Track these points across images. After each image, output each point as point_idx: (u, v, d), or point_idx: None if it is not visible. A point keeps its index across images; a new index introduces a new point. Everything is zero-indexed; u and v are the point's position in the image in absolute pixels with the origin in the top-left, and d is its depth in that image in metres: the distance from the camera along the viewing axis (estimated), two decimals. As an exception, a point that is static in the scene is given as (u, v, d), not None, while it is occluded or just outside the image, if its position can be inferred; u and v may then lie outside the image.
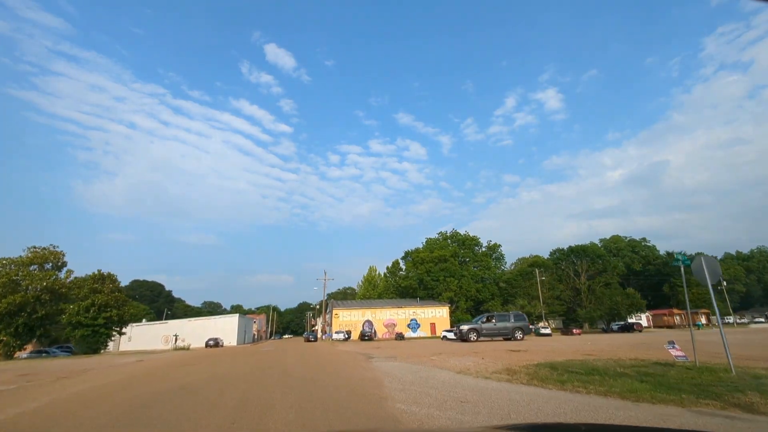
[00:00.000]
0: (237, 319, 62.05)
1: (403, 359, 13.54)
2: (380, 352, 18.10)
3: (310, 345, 36.85)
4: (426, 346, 23.80)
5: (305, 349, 24.87)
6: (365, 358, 13.95)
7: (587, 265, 73.86)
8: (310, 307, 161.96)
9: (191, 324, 60.94)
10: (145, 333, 59.21)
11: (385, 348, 21.94)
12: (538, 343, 22.75)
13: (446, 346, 22.14)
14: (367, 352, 18.05)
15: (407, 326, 64.88)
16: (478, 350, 17.64)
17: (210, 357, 17.88)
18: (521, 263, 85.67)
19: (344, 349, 21.35)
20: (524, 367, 10.59)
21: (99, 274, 36.41)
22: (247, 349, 28.46)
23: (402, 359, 13.50)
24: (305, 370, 10.83)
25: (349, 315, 63.54)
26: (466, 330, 25.30)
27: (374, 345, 29.43)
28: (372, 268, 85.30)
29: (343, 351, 19.80)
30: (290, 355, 17.41)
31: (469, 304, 71.35)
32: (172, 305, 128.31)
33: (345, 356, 15.44)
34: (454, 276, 70.86)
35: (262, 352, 21.70)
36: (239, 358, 15.84)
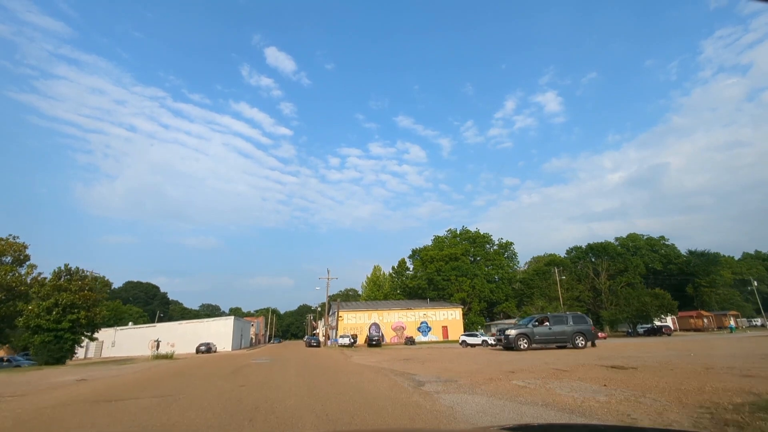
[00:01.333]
0: (232, 322, 56.18)
1: (480, 389, 7.87)
2: (419, 368, 12.42)
3: (314, 352, 31.08)
4: (466, 357, 18.08)
5: (309, 360, 19.13)
6: (415, 387, 8.26)
7: (607, 264, 68.21)
8: (310, 309, 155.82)
9: (182, 328, 55.02)
10: (131, 337, 53.30)
11: (416, 361, 16.20)
12: (609, 352, 17.10)
13: (495, 358, 16.44)
14: (401, 369, 12.33)
15: (417, 329, 59.11)
16: (557, 365, 12.05)
17: (174, 378, 12.16)
18: (536, 262, 80.00)
19: (364, 363, 15.61)
20: (729, 407, 5.15)
21: (66, 268, 30.63)
22: (235, 360, 22.65)
23: (478, 389, 7.84)
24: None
25: (354, 317, 57.75)
26: (514, 336, 19.57)
27: (392, 354, 23.74)
28: (377, 268, 79.52)
29: (365, 366, 14.08)
30: (291, 375, 11.70)
31: (482, 305, 65.62)
32: (168, 308, 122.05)
33: (379, 380, 9.77)
34: (467, 275, 65.18)
35: (252, 366, 15.91)
36: (210, 385, 10.11)
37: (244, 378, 11.38)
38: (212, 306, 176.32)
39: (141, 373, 15.99)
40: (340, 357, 20.27)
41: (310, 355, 25.93)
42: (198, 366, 18.61)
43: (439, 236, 78.89)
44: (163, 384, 11.01)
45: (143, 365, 22.33)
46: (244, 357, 27.19)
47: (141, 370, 18.22)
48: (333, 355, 22.87)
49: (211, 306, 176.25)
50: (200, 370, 15.74)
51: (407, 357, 18.01)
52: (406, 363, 14.83)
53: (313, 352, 30.14)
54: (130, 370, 17.70)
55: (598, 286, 67.80)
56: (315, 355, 25.90)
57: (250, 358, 22.01)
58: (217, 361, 22.48)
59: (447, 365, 13.43)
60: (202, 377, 12.27)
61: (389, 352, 26.77)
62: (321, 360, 17.80)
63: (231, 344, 54.84)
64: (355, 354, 23.54)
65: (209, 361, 24.61)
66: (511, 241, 76.47)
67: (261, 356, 25.67)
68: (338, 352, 28.37)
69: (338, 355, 22.34)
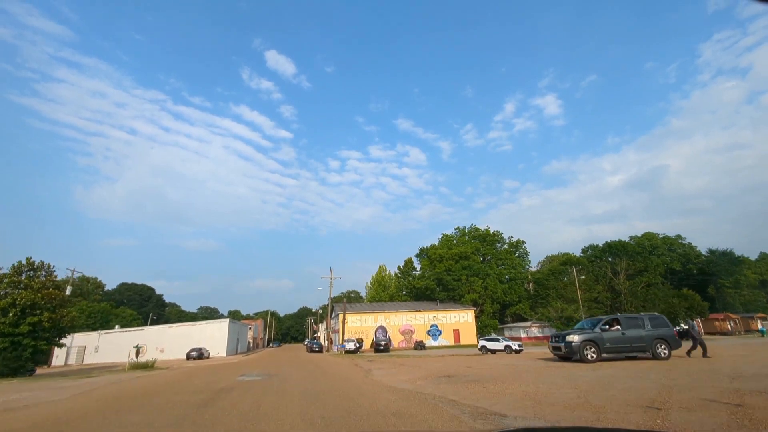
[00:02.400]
0: (227, 324, 51.40)
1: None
2: (487, 396, 7.89)
3: (318, 362, 26.48)
4: (521, 372, 13.54)
5: (317, 378, 14.59)
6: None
7: (626, 264, 63.67)
8: (311, 312, 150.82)
9: (172, 331, 50.22)
10: (117, 342, 48.46)
11: (465, 380, 11.62)
12: (721, 366, 12.59)
13: (564, 373, 11.90)
14: (463, 398, 7.78)
15: (427, 333, 54.40)
16: (708, 394, 7.61)
17: (112, 412, 7.63)
18: (549, 261, 75.47)
19: (394, 384, 10.98)
20: None
21: (28, 262, 25.97)
22: (221, 374, 18.05)
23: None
24: None
25: (359, 320, 53.07)
26: (580, 343, 14.99)
27: (419, 366, 19.19)
28: (382, 268, 74.76)
29: (399, 391, 9.46)
30: (293, 413, 7.17)
31: (495, 307, 60.97)
32: (164, 310, 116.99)
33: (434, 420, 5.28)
34: (478, 275, 60.55)
35: (238, 389, 11.28)
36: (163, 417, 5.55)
37: (214, 416, 6.87)
38: (210, 309, 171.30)
39: (84, 396, 11.39)
40: (355, 371, 15.67)
41: (314, 365, 21.35)
42: (170, 384, 14.01)
43: (447, 234, 74.40)
44: (80, 426, 6.47)
45: (107, 379, 17.69)
46: (234, 368, 22.54)
47: (96, 388, 13.66)
48: (344, 368, 18.24)
49: (210, 309, 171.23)
50: (167, 393, 11.13)
51: (448, 373, 13.42)
52: (456, 384, 10.27)
53: (318, 361, 25.50)
54: (78, 390, 13.08)
55: (617, 287, 63.26)
56: (320, 365, 21.34)
57: (239, 372, 17.34)
58: (198, 375, 17.85)
59: (517, 388, 8.93)
60: (155, 409, 7.72)
61: (409, 361, 22.13)
62: (332, 378, 13.19)
63: (226, 349, 50.09)
64: (371, 365, 18.88)
65: (191, 374, 19.95)
66: (523, 240, 72.01)
67: (254, 369, 21.01)
68: (348, 361, 23.73)
69: (351, 368, 17.73)
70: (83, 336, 48.12)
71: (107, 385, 14.49)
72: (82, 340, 47.40)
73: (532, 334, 58.00)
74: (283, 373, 15.35)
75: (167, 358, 47.63)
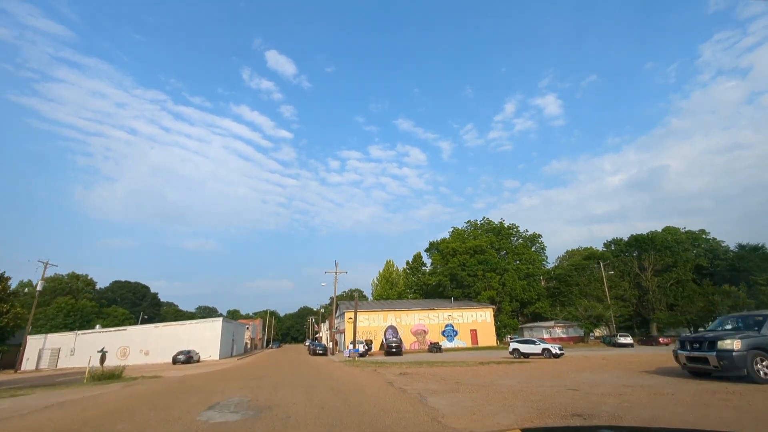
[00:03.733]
0: (221, 324, 45.64)
1: None
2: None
3: (327, 369, 20.80)
4: (636, 392, 7.87)
5: (337, 405, 8.93)
6: None
7: (654, 259, 58.15)
8: (312, 311, 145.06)
9: (158, 332, 44.42)
10: (96, 343, 42.63)
11: (602, 410, 5.93)
12: None
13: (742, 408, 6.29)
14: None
15: (441, 334, 48.71)
16: None
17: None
18: (569, 257, 69.85)
19: (487, 426, 5.28)
20: None
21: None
22: (183, 398, 12.32)
23: None
24: None
25: (367, 319, 47.38)
26: (745, 352, 9.37)
27: (455, 374, 13.65)
28: (389, 263, 68.98)
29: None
30: None
31: (514, 305, 55.28)
32: (159, 309, 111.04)
33: None
34: (495, 270, 54.87)
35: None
36: None
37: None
38: (209, 308, 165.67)
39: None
40: (396, 397, 9.92)
41: (326, 380, 15.69)
42: (99, 418, 8.34)
43: (458, 228, 68.76)
44: None
45: (11, 407, 11.98)
46: (216, 381, 16.84)
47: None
48: (371, 386, 12.57)
49: (208, 308, 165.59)
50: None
51: (514, 388, 7.75)
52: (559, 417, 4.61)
53: (329, 372, 19.83)
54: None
55: (644, 284, 57.73)
56: (335, 379, 15.71)
57: (215, 396, 11.61)
58: (153, 402, 12.18)
59: None
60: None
61: (449, 372, 16.45)
62: (372, 418, 7.40)
63: (219, 351, 44.34)
64: (410, 382, 13.14)
65: (159, 393, 14.28)
66: (539, 233, 66.43)
67: (241, 386, 15.37)
68: (369, 372, 18.02)
69: (382, 388, 12.02)
70: (58, 337, 42.37)
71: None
72: (56, 341, 41.63)
73: (555, 334, 52.41)
74: (281, 402, 9.70)
75: (152, 361, 41.92)
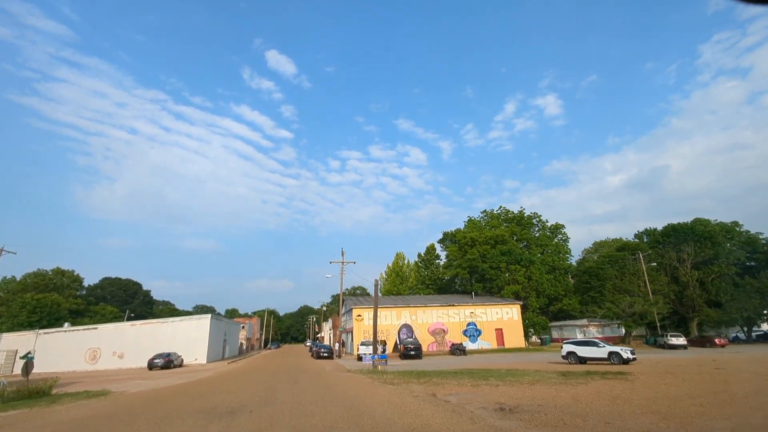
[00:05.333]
0: (209, 322, 38.80)
1: None
2: None
3: (341, 380, 14.05)
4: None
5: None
6: None
7: (694, 251, 51.55)
8: (313, 311, 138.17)
9: (135, 331, 37.53)
10: (61, 344, 35.88)
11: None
12: None
13: None
14: None
15: (463, 333, 41.92)
16: None
17: None
18: (596, 249, 63.13)
19: None
20: None
21: None
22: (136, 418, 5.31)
23: None
24: None
25: (378, 317, 40.46)
26: None
27: (542, 398, 6.95)
28: (399, 255, 62.06)
29: None
30: None
31: (541, 301, 48.50)
32: (151, 308, 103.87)
33: None
34: (520, 263, 48.15)
35: None
36: None
37: None
38: (207, 307, 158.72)
39: None
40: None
41: (348, 405, 9.07)
42: None
43: (473, 219, 62.01)
44: None
45: None
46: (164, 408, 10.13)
47: None
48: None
49: (206, 307, 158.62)
50: None
51: None
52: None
53: (346, 389, 13.13)
54: None
55: (683, 278, 51.11)
56: (363, 409, 9.10)
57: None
58: None
59: None
60: None
61: (529, 395, 9.80)
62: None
63: (207, 353, 37.57)
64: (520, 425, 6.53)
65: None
66: (562, 224, 59.76)
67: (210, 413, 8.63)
68: (425, 396, 11.32)
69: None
70: (14, 337, 35.54)
71: None
72: (11, 341, 34.75)
73: (590, 334, 45.67)
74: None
75: (128, 365, 35.14)
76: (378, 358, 18.28)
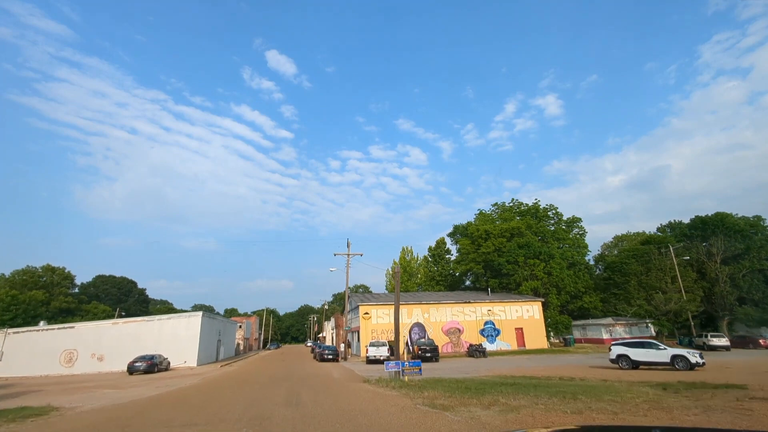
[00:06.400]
0: (200, 320, 34.68)
1: None
2: None
3: (364, 400, 10.02)
4: None
5: None
6: None
7: (724, 245, 47.60)
8: (313, 310, 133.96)
9: (117, 330, 33.33)
10: (35, 345, 31.72)
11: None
12: None
13: None
14: None
15: (480, 333, 37.86)
16: None
17: None
18: (615, 245, 59.12)
19: None
20: None
21: None
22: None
23: None
24: None
25: (387, 315, 36.59)
26: None
27: None
28: (406, 250, 57.90)
29: None
30: None
31: (563, 298, 44.45)
32: (147, 306, 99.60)
33: None
34: (539, 257, 44.11)
35: None
36: None
37: None
38: (206, 307, 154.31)
39: None
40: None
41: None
42: None
43: (483, 212, 57.99)
44: None
45: None
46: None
47: None
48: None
49: (205, 307, 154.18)
50: None
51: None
52: None
53: (375, 420, 9.15)
54: None
55: (712, 274, 47.13)
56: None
57: None
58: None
59: None
60: None
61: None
62: None
63: (197, 355, 33.48)
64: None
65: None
66: (579, 217, 55.76)
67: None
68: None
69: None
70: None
71: None
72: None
73: (616, 334, 41.67)
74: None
75: (107, 368, 30.97)
76: (410, 366, 14.06)
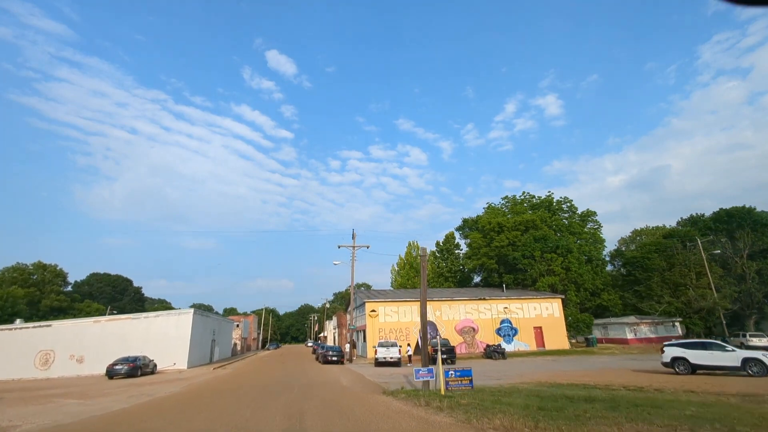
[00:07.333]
0: (191, 318, 31.48)
1: None
2: None
3: (388, 425, 6.91)
4: None
5: None
6: None
7: (751, 239, 44.54)
8: (313, 309, 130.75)
9: (99, 329, 30.08)
10: (9, 345, 28.55)
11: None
12: None
13: None
14: None
15: (496, 333, 34.68)
16: None
17: None
18: (632, 240, 56.03)
19: None
20: None
21: None
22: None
23: None
24: None
25: (396, 312, 33.39)
26: None
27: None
28: (413, 245, 54.72)
29: None
30: None
31: (582, 295, 41.27)
32: (143, 305, 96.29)
33: None
34: (557, 251, 40.97)
35: None
36: None
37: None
38: (204, 306, 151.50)
39: None
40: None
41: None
42: None
43: (493, 205, 54.88)
44: None
45: None
46: None
47: None
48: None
49: (203, 306, 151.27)
50: None
51: None
52: None
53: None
54: None
55: (740, 270, 44.05)
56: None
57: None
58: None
59: None
60: None
61: None
62: None
63: (188, 356, 30.32)
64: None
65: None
66: (593, 210, 52.67)
67: None
68: None
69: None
70: (-56, 336, 28.17)
71: None
72: (-60, 342, 27.41)
73: (642, 334, 38.55)
74: None
75: (87, 371, 27.75)
76: (456, 376, 10.62)
